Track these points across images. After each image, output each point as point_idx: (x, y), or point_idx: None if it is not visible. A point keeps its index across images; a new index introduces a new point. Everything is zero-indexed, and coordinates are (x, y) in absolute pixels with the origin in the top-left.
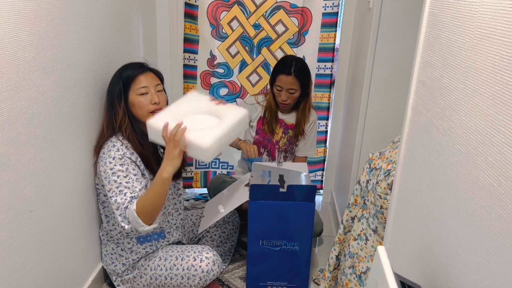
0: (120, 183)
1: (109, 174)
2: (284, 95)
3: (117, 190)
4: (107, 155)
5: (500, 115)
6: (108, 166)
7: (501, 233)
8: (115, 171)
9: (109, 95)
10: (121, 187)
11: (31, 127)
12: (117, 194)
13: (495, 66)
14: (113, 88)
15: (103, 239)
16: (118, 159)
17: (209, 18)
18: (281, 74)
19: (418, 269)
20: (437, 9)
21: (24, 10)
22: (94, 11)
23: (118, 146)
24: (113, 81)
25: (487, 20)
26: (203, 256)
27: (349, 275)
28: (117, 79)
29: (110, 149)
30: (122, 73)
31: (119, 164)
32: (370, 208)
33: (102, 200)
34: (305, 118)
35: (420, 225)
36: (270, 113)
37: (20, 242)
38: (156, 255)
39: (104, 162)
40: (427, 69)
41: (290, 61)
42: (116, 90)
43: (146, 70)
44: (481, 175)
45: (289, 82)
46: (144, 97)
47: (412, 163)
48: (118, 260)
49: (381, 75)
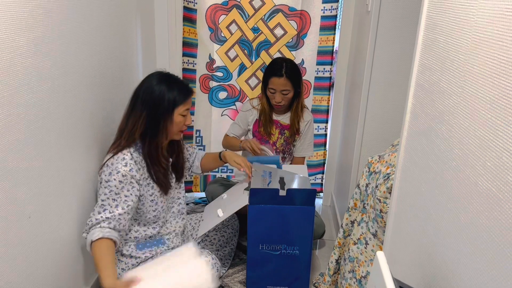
0: (107, 198)
1: (104, 184)
2: (278, 97)
3: (100, 203)
4: (114, 166)
5: (498, 120)
6: (107, 177)
7: (500, 238)
8: (110, 185)
9: (148, 106)
10: (105, 203)
11: (29, 132)
12: (99, 206)
13: (493, 70)
14: (160, 101)
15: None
16: (120, 176)
17: (208, 22)
18: (273, 77)
19: (418, 273)
20: (434, 13)
21: (21, 15)
22: (91, 15)
23: (127, 160)
24: (158, 94)
25: (484, 24)
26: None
27: (349, 279)
28: (165, 94)
29: (119, 162)
30: (173, 90)
31: (119, 180)
32: (370, 212)
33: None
34: (298, 117)
35: (419, 229)
36: (264, 116)
37: (18, 249)
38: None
39: (109, 172)
40: (425, 73)
41: (280, 63)
42: (164, 104)
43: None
44: (480, 180)
45: (281, 83)
46: (183, 118)
47: (411, 167)
48: (117, 265)
49: (380, 78)
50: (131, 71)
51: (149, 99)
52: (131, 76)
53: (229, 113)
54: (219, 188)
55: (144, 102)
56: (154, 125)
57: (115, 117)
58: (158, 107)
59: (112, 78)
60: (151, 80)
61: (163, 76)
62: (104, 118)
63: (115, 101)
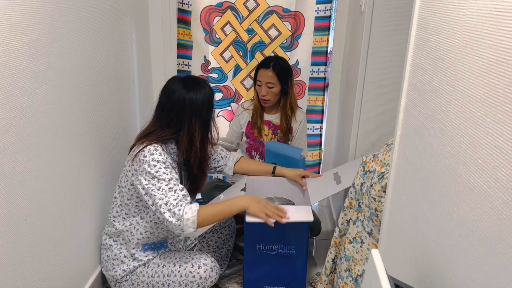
0: (168, 184)
1: (154, 176)
2: (263, 90)
3: (166, 188)
4: (150, 158)
5: (489, 118)
6: (153, 169)
7: (491, 234)
8: (161, 174)
9: (191, 111)
10: (171, 185)
11: (24, 135)
12: (167, 192)
13: (483, 69)
14: (200, 107)
15: (105, 244)
16: (162, 163)
17: (202, 24)
18: (261, 68)
19: (412, 270)
20: (426, 13)
21: (16, 18)
22: (86, 18)
23: (160, 151)
24: (199, 101)
25: (474, 24)
26: (201, 262)
27: (345, 278)
28: (207, 101)
29: (153, 153)
30: (204, 89)
31: (164, 167)
32: (365, 211)
33: (124, 202)
34: (286, 115)
35: (414, 227)
36: (256, 114)
37: (15, 252)
38: (154, 262)
39: (148, 165)
40: (418, 72)
41: (271, 57)
42: (204, 109)
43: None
44: (471, 177)
45: (267, 75)
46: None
47: (405, 166)
48: (119, 266)
49: (374, 78)
50: (126, 73)
51: (196, 108)
52: (126, 78)
53: (225, 114)
54: (216, 189)
55: (192, 113)
56: (207, 127)
57: (111, 119)
58: (208, 111)
59: (108, 80)
60: (179, 90)
61: (186, 82)
62: (100, 119)
63: (111, 102)
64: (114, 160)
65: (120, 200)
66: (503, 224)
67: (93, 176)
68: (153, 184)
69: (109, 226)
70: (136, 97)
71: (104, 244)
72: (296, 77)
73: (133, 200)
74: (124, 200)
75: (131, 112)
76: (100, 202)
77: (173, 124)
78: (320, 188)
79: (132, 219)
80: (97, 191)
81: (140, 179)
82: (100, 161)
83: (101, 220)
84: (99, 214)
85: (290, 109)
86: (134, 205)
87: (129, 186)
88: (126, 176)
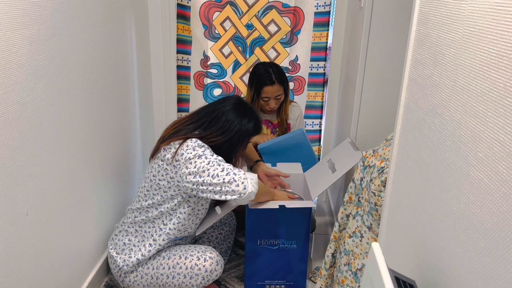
0: (220, 164)
1: (210, 159)
2: (272, 103)
3: (225, 165)
4: (192, 147)
5: (489, 112)
6: (204, 154)
7: (492, 227)
8: (214, 159)
9: (228, 134)
10: (225, 166)
11: (25, 130)
12: (231, 169)
13: (484, 63)
14: (243, 126)
15: (129, 230)
16: (208, 149)
17: (202, 19)
18: (265, 86)
19: (412, 263)
20: (426, 8)
21: (16, 13)
22: (86, 13)
23: (199, 141)
24: (242, 119)
25: (475, 19)
26: (206, 256)
27: (345, 272)
28: (248, 120)
29: (194, 142)
30: (251, 122)
31: (209, 153)
32: (365, 206)
33: (160, 189)
34: (286, 115)
35: (413, 221)
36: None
37: (17, 246)
38: (160, 254)
39: (195, 153)
40: (418, 67)
41: (266, 71)
42: (245, 128)
43: None
44: (472, 170)
45: (275, 90)
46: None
47: (405, 160)
48: (136, 253)
49: (374, 73)
50: (126, 68)
51: (229, 128)
52: (126, 73)
53: None
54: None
55: (224, 130)
56: (230, 150)
57: (111, 114)
58: (239, 138)
59: (107, 75)
60: (231, 110)
61: (240, 107)
62: (100, 114)
63: (111, 97)
64: (114, 153)
65: (156, 186)
66: (503, 217)
67: (93, 170)
68: (210, 165)
69: (141, 215)
70: (135, 91)
71: (127, 231)
72: (296, 72)
73: (173, 188)
74: (162, 188)
75: (131, 106)
76: (101, 196)
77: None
78: (317, 180)
79: (168, 208)
80: (98, 185)
81: (188, 162)
82: (100, 154)
83: (101, 214)
84: (99, 208)
85: (285, 104)
86: (171, 194)
87: (168, 179)
88: (166, 170)
